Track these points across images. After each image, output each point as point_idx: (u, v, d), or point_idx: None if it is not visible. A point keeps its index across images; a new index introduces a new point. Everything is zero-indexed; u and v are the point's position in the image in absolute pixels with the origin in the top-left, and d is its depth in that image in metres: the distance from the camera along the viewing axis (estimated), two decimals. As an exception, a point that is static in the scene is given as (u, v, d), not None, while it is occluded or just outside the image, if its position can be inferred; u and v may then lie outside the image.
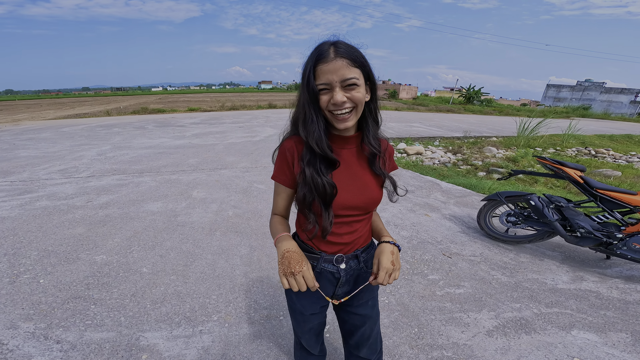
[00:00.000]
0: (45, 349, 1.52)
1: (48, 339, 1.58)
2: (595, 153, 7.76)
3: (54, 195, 3.51)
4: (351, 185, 0.85)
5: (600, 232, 2.26)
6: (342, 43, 0.75)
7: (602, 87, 37.45)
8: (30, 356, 1.47)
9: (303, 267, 0.78)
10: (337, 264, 0.91)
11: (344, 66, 0.72)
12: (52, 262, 2.23)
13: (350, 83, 0.73)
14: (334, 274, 0.93)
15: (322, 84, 0.73)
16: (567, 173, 2.36)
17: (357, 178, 0.86)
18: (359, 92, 0.75)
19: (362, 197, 0.86)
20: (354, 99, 0.74)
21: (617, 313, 1.91)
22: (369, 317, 1.01)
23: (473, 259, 2.49)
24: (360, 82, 0.75)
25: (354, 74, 0.73)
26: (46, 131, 8.32)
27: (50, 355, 1.49)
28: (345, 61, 0.72)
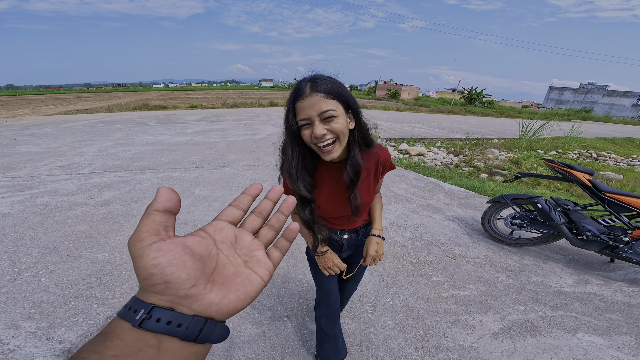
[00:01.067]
0: (48, 349, 1.50)
1: (50, 339, 1.56)
2: (597, 156, 7.75)
3: (55, 191, 3.49)
4: (335, 199, 1.00)
5: (607, 236, 2.26)
6: (319, 77, 0.79)
7: (605, 90, 37.43)
8: (32, 356, 1.46)
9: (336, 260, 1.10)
10: (342, 235, 1.15)
11: (320, 100, 0.76)
12: (54, 259, 2.21)
13: (328, 115, 0.77)
14: (339, 242, 1.17)
15: (302, 119, 0.78)
16: (575, 176, 2.35)
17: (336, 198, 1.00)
18: (337, 122, 0.79)
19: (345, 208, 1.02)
20: (333, 130, 0.79)
21: (622, 316, 1.91)
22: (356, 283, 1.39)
23: (477, 261, 2.48)
24: (338, 113, 0.79)
25: (330, 106, 0.77)
26: (47, 127, 8.29)
27: (53, 355, 1.47)
28: (321, 95, 0.76)
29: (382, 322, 1.79)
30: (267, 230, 0.32)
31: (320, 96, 0.76)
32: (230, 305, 0.26)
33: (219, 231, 0.29)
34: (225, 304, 0.26)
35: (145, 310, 0.23)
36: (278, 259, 0.31)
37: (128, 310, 0.24)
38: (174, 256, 0.24)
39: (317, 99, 0.76)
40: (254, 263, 0.29)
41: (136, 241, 0.25)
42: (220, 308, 0.26)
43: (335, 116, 0.78)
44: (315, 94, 0.76)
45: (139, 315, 0.23)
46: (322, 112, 0.76)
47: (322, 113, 0.76)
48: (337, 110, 0.78)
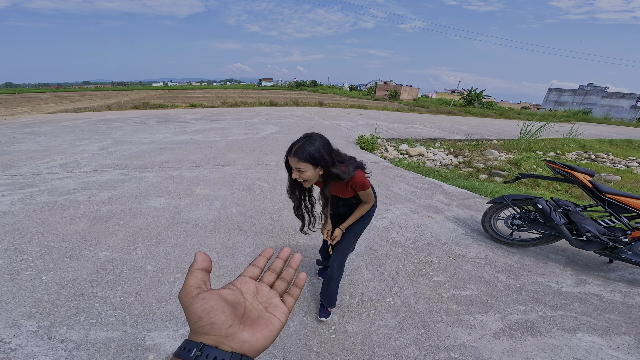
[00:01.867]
0: (49, 348, 1.50)
1: (52, 338, 1.55)
2: (595, 157, 7.77)
3: (55, 189, 3.49)
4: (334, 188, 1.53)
5: (606, 236, 2.27)
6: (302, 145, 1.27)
7: (604, 91, 37.55)
8: (34, 355, 1.45)
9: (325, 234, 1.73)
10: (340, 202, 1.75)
11: (296, 161, 1.28)
12: (55, 258, 2.21)
13: (300, 170, 1.29)
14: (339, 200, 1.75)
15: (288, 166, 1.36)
16: (576, 177, 2.36)
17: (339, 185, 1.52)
18: (305, 174, 1.30)
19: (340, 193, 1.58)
20: (303, 177, 1.32)
21: (621, 316, 1.92)
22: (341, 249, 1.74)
23: (478, 261, 2.49)
24: (307, 169, 1.29)
25: (300, 166, 1.28)
26: (46, 125, 8.26)
27: (55, 354, 1.47)
28: (296, 159, 1.27)
29: (384, 321, 1.80)
30: (280, 282, 0.41)
31: (296, 159, 1.27)
32: (258, 343, 0.33)
33: (244, 284, 0.37)
34: (254, 342, 0.32)
35: (198, 348, 0.30)
36: (292, 304, 0.39)
37: (183, 350, 0.30)
38: (215, 303, 0.32)
39: (294, 160, 1.28)
40: (273, 308, 0.37)
41: (185, 294, 0.33)
42: (251, 345, 0.32)
43: (304, 171, 1.29)
44: (293, 157, 1.27)
45: (193, 353, 0.29)
46: (297, 168, 1.29)
47: (297, 169, 1.29)
48: (306, 168, 1.28)
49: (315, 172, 1.31)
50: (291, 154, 1.27)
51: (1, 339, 1.52)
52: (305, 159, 1.26)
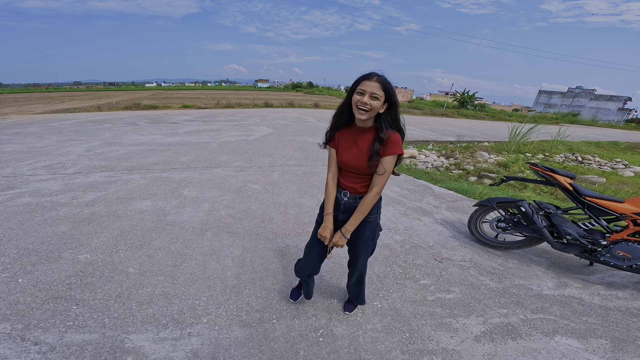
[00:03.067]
0: (22, 351, 1.46)
1: (25, 340, 1.52)
2: (582, 159, 7.92)
3: (37, 191, 3.40)
4: (350, 151, 1.41)
5: (586, 239, 2.30)
6: (382, 76, 1.27)
7: (592, 94, 38.42)
8: (5, 357, 1.42)
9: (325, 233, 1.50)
10: (343, 196, 1.51)
11: (376, 86, 1.25)
12: (32, 260, 2.15)
13: (374, 96, 1.25)
14: (339, 200, 1.52)
15: (360, 89, 1.27)
16: (557, 180, 2.39)
17: (358, 150, 1.39)
18: (377, 102, 1.26)
19: (354, 161, 1.40)
20: (372, 105, 1.26)
21: (598, 319, 1.94)
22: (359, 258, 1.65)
23: (463, 264, 2.50)
24: (380, 99, 1.26)
25: (379, 92, 1.25)
26: (33, 125, 8.09)
27: (28, 357, 1.43)
28: (379, 85, 1.25)
29: (371, 325, 1.79)
30: None
31: (379, 85, 1.25)
32: None
33: None
34: None
35: None
36: None
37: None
38: None
39: (375, 85, 1.24)
40: None
41: None
42: None
43: (378, 99, 1.26)
44: (376, 83, 1.25)
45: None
46: (373, 93, 1.24)
47: (373, 93, 1.24)
48: (380, 97, 1.25)
49: (382, 105, 1.28)
50: (373, 79, 1.24)
51: None
52: (386, 89, 1.25)
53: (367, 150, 1.36)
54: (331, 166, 1.52)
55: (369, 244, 1.60)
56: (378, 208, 1.55)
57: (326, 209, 1.52)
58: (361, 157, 1.38)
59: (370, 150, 1.35)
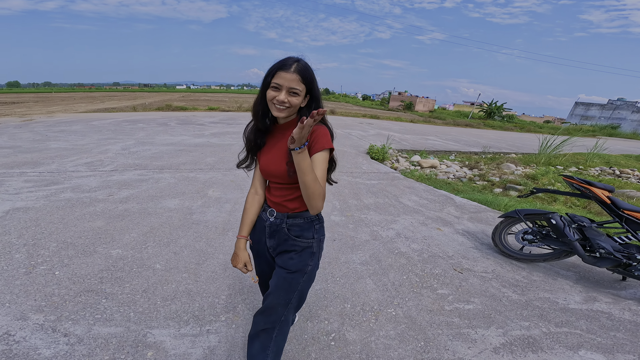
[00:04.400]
0: (52, 342, 1.52)
1: (56, 332, 1.59)
2: (620, 173, 7.40)
3: (78, 187, 3.69)
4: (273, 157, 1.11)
5: (621, 253, 2.21)
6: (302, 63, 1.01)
7: (635, 106, 35.72)
8: (35, 348, 1.48)
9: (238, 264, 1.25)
10: (269, 216, 1.20)
11: (294, 80, 0.98)
12: (70, 254, 2.29)
13: (293, 92, 1.00)
14: (264, 222, 1.22)
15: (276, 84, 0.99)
16: (594, 193, 2.29)
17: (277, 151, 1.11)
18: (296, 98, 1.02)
19: (273, 166, 1.11)
20: (291, 102, 1.01)
21: (627, 335, 1.84)
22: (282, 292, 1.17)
23: (484, 275, 2.43)
24: (300, 93, 1.01)
25: (298, 87, 1.00)
26: (77, 124, 8.77)
27: (56, 348, 1.49)
28: (298, 76, 0.98)
29: (384, 331, 1.78)
30: None
31: (297, 77, 0.98)
32: None
33: None
34: None
35: None
36: None
37: None
38: None
39: (294, 77, 0.98)
40: None
41: None
42: None
43: (297, 94, 1.01)
44: (293, 74, 0.98)
45: None
46: (291, 88, 0.99)
47: (291, 88, 0.99)
48: (300, 92, 1.01)
49: (303, 100, 1.04)
50: (291, 70, 0.97)
51: (7, 331, 1.56)
52: (306, 80, 1.00)
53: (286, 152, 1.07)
54: (253, 177, 1.25)
55: (293, 282, 1.15)
56: (316, 232, 1.19)
57: (240, 230, 1.24)
58: (280, 159, 1.08)
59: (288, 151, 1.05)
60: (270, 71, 1.01)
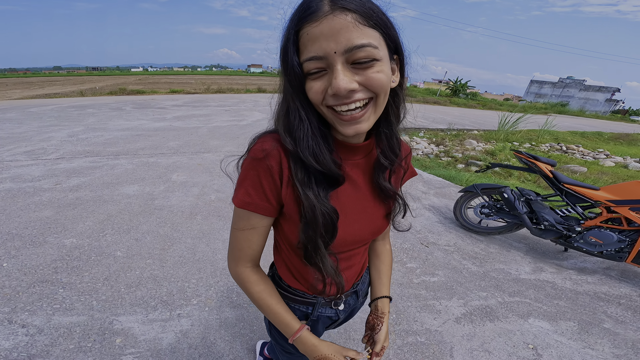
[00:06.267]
0: (10, 333, 1.47)
1: (12, 323, 1.52)
2: (566, 149, 8.11)
3: (18, 177, 3.30)
4: (356, 213, 0.60)
5: (562, 225, 2.38)
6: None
7: (582, 84, 38.97)
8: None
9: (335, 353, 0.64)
10: (336, 307, 0.74)
11: (350, 25, 0.41)
12: (16, 245, 2.12)
13: (364, 57, 0.42)
14: (332, 317, 0.75)
15: (312, 58, 0.43)
16: (539, 167, 2.46)
17: (365, 202, 0.61)
18: (380, 70, 0.44)
19: (369, 227, 0.63)
20: (371, 84, 0.44)
21: (568, 303, 2.04)
22: None
23: (447, 249, 2.58)
24: (381, 54, 0.44)
25: (368, 39, 0.42)
26: (11, 111, 7.75)
27: (15, 339, 1.44)
28: (352, 15, 0.41)
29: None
30: None
31: (352, 17, 0.41)
32: None
33: None
34: None
35: None
36: None
37: None
38: None
39: (344, 22, 0.41)
40: None
41: None
42: None
43: (377, 59, 0.43)
44: (343, 13, 0.41)
45: None
46: (353, 48, 0.41)
47: (353, 49, 0.41)
48: (379, 49, 0.44)
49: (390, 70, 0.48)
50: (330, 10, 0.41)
51: None
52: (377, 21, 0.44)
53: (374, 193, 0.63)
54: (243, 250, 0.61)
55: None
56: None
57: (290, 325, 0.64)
58: (373, 213, 0.64)
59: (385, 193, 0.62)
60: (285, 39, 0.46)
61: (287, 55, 0.45)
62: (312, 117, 0.50)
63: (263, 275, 0.66)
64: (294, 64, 0.44)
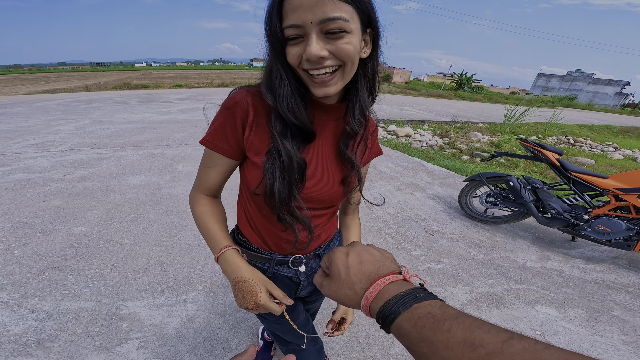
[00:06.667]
0: (20, 318, 1.50)
1: (22, 309, 1.55)
2: (574, 142, 8.00)
3: (28, 168, 3.35)
4: (318, 170, 0.65)
5: (569, 214, 2.36)
6: None
7: (591, 78, 38.13)
8: (3, 325, 1.45)
9: (259, 299, 0.62)
10: (295, 267, 0.75)
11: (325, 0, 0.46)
12: (27, 233, 2.16)
13: (335, 28, 0.47)
14: (292, 278, 0.76)
15: (291, 26, 0.48)
16: (545, 155, 2.43)
17: (327, 162, 0.66)
18: (348, 42, 0.49)
19: (327, 187, 0.66)
20: (340, 53, 0.49)
21: (576, 290, 2.03)
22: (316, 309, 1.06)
23: (453, 237, 2.57)
24: (352, 27, 0.49)
25: (341, 12, 0.47)
26: (19, 106, 7.84)
27: (25, 324, 1.47)
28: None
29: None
30: None
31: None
32: None
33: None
34: None
35: None
36: None
37: None
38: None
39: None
40: None
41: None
42: None
43: (347, 31, 0.48)
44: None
45: None
46: (327, 20, 0.47)
47: (326, 21, 0.47)
48: (350, 22, 0.48)
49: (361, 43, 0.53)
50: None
51: None
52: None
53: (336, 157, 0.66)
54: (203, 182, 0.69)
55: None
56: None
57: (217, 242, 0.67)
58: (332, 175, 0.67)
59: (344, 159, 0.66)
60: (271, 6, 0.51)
61: (271, 21, 0.51)
62: (292, 78, 0.55)
63: (214, 202, 0.72)
64: (277, 29, 0.50)
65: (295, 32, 0.49)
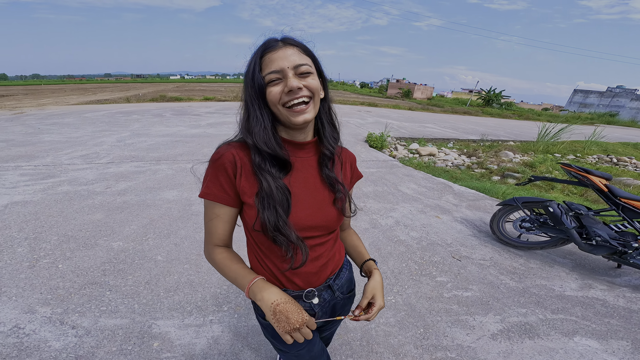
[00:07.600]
0: (61, 334, 1.55)
1: (64, 324, 1.61)
2: (617, 161, 7.44)
3: (75, 180, 3.65)
4: (308, 200, 0.74)
5: (617, 241, 2.24)
6: (291, 37, 0.70)
7: (634, 93, 35.56)
8: (45, 340, 1.50)
9: (305, 316, 0.67)
10: (309, 300, 0.80)
11: (295, 53, 0.66)
12: (71, 247, 2.30)
13: (304, 70, 0.66)
14: (307, 311, 0.79)
15: (273, 72, 0.65)
16: (592, 181, 2.31)
17: (315, 191, 0.76)
18: (314, 79, 0.68)
19: (321, 214, 0.75)
20: (310, 87, 0.67)
21: (621, 321, 1.89)
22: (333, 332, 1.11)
23: (482, 263, 2.46)
24: (313, 70, 0.69)
25: (306, 61, 0.67)
26: (69, 116, 8.61)
27: (66, 340, 1.52)
28: (296, 48, 0.67)
29: (384, 319, 1.82)
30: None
31: (296, 49, 0.67)
32: None
33: None
34: None
35: None
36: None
37: None
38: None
39: (292, 51, 0.66)
40: None
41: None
42: None
43: (311, 72, 0.68)
44: (290, 47, 0.67)
45: None
46: (298, 65, 0.65)
47: (298, 66, 0.65)
48: (311, 67, 0.68)
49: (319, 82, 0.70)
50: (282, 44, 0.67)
51: (16, 324, 1.59)
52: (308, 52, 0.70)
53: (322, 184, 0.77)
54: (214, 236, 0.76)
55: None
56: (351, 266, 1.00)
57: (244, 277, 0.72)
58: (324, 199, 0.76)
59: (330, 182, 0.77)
60: (252, 60, 0.67)
61: (253, 72, 0.67)
62: (267, 117, 0.69)
63: (229, 250, 0.79)
64: (258, 76, 0.66)
65: (276, 76, 0.66)
